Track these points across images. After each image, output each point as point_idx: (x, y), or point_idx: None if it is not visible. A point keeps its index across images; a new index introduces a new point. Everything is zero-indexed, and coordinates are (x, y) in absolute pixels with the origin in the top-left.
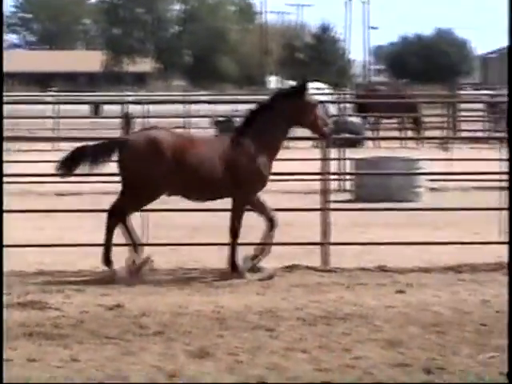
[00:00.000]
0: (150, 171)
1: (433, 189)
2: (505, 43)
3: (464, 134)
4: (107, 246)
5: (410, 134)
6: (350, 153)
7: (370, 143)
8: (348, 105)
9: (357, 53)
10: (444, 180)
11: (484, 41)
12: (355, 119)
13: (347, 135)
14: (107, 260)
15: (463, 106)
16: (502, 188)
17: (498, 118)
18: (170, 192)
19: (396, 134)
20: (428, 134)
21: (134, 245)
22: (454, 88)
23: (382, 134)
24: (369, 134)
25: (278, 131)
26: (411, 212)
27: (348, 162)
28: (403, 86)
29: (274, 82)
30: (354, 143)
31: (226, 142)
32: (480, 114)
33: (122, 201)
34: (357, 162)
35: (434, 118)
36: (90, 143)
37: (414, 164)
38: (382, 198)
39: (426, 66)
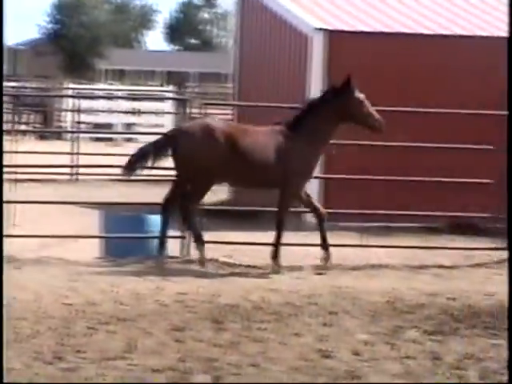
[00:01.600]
0: (204, 157)
1: None
2: (34, 35)
3: None
4: (162, 237)
5: None
6: None
7: None
8: None
9: None
10: None
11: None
12: None
13: None
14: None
15: None
16: None
17: (21, 110)
18: (222, 179)
19: None
20: None
21: (197, 237)
22: None
23: None
24: None
25: (327, 127)
26: None
27: None
28: None
29: None
30: None
31: (278, 134)
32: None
33: (176, 193)
34: None
35: None
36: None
37: None
38: None
39: None
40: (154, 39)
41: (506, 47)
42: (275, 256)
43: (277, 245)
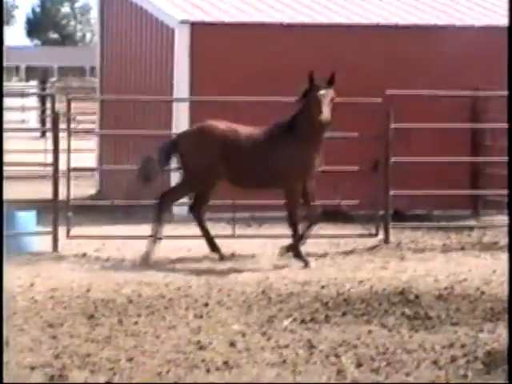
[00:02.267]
0: (204, 158)
1: None
2: None
3: None
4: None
5: None
6: None
7: None
8: None
9: None
10: None
11: None
12: None
13: None
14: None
15: None
16: None
17: None
18: (223, 179)
19: None
20: None
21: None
22: None
23: None
24: None
25: (308, 124)
26: None
27: None
28: None
29: None
30: None
31: (275, 134)
32: None
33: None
34: None
35: None
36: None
37: None
38: None
39: None
40: (14, 35)
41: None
42: (298, 254)
43: (296, 243)
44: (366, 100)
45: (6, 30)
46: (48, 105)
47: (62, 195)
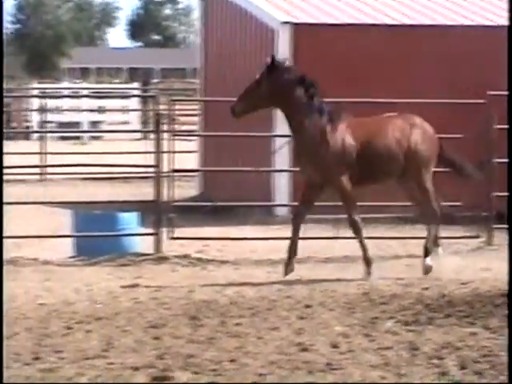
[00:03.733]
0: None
1: None
2: None
3: None
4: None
5: None
6: None
7: None
8: None
9: None
10: None
11: None
12: None
13: None
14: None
15: None
16: None
17: None
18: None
19: None
20: None
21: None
22: None
23: None
24: None
25: None
26: None
27: None
28: None
29: None
30: None
31: None
32: None
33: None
34: None
35: None
36: None
37: None
38: None
39: None
40: (117, 36)
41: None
42: (368, 262)
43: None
44: (470, 101)
45: (109, 31)
46: (150, 106)
47: (164, 196)
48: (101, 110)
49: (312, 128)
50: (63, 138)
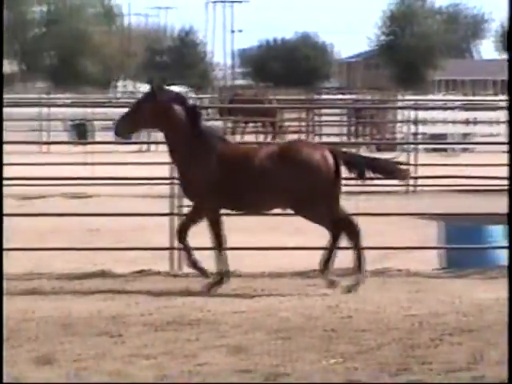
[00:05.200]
0: None
1: None
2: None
3: (324, 139)
4: None
5: (269, 138)
6: None
7: None
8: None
9: (221, 56)
10: None
11: (347, 45)
12: (217, 123)
13: None
14: None
15: (324, 110)
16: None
17: (360, 122)
18: None
19: (254, 138)
20: (288, 138)
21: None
22: (312, 92)
23: (246, 138)
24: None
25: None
26: (261, 217)
27: None
28: (264, 90)
29: (121, 87)
30: None
31: None
32: (339, 118)
33: None
34: None
35: (294, 122)
36: None
37: None
38: None
39: (289, 69)
40: (486, 48)
41: None
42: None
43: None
44: None
45: (480, 43)
46: None
47: None
48: (468, 122)
49: (186, 152)
50: (432, 150)
